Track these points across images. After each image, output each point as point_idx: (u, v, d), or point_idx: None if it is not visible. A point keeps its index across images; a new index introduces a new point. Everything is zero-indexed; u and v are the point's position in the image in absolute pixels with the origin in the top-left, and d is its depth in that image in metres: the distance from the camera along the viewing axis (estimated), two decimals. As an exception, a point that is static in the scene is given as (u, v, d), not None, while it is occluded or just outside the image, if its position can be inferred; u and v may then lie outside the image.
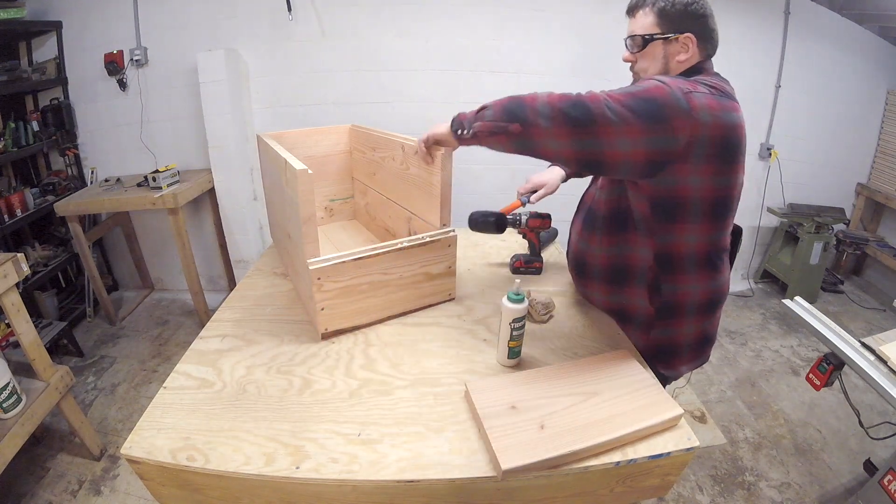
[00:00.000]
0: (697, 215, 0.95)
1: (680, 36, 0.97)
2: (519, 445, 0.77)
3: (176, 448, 0.80)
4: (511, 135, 0.88)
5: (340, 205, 1.84)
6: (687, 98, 0.84)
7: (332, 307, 1.08)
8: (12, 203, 2.34)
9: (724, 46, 3.09)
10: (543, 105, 0.85)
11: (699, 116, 0.84)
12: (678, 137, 0.84)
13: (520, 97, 0.89)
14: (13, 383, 1.46)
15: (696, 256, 1.00)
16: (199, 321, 2.75)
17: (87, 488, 1.71)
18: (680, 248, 0.99)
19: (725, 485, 1.76)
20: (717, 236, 1.01)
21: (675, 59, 0.99)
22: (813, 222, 2.96)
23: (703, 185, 0.92)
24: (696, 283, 1.03)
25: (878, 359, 1.33)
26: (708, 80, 0.93)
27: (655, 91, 0.84)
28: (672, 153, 0.86)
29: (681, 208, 0.94)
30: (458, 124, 0.99)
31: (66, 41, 2.60)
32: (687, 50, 0.98)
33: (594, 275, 1.15)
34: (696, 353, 1.13)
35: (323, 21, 2.56)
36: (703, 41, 0.99)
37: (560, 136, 0.84)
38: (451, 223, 1.24)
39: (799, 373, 2.40)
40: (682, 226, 0.96)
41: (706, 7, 0.98)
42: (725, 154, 0.91)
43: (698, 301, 1.04)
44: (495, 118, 0.90)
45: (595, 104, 0.82)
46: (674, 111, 0.83)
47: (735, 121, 0.91)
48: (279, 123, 2.72)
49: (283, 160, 1.06)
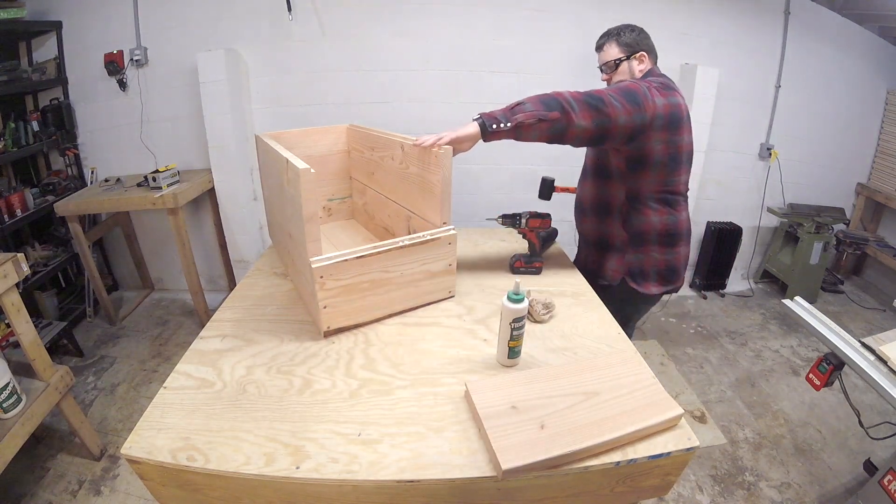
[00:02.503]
0: (655, 166, 1.35)
1: (636, 54, 1.44)
2: (519, 445, 0.77)
3: (176, 448, 0.80)
4: (551, 121, 1.18)
5: (339, 204, 1.84)
6: (649, 91, 1.27)
7: (334, 305, 1.08)
8: (12, 203, 2.34)
9: (724, 47, 3.09)
10: (570, 98, 1.20)
11: (656, 101, 1.26)
12: (646, 115, 1.25)
13: (550, 94, 1.21)
14: (13, 383, 1.46)
15: (654, 196, 1.40)
16: (199, 321, 2.75)
17: (87, 488, 1.71)
18: (643, 189, 1.39)
19: (725, 485, 1.76)
20: (671, 181, 1.39)
21: (637, 69, 1.44)
22: (813, 222, 2.96)
23: (660, 146, 1.32)
24: (655, 216, 1.41)
25: (878, 359, 1.33)
26: (657, 79, 1.36)
27: (632, 87, 1.27)
28: (644, 125, 1.26)
29: (645, 162, 1.34)
30: (492, 120, 1.19)
31: (66, 41, 2.60)
32: (642, 62, 1.44)
33: (587, 211, 1.56)
34: (663, 278, 1.47)
35: (323, 21, 2.56)
36: (650, 54, 1.46)
37: (585, 119, 1.20)
38: (450, 221, 1.24)
39: (799, 373, 2.40)
40: (644, 174, 1.36)
41: (645, 32, 1.48)
42: (672, 124, 1.31)
43: (658, 231, 1.42)
44: (536, 109, 1.18)
45: (603, 95, 1.22)
46: (644, 98, 1.25)
47: (676, 102, 1.31)
48: (279, 123, 2.72)
49: (285, 160, 1.06)
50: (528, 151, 2.75)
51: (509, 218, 1.43)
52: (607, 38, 1.48)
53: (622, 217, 1.44)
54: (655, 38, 2.89)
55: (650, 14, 2.67)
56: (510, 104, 1.21)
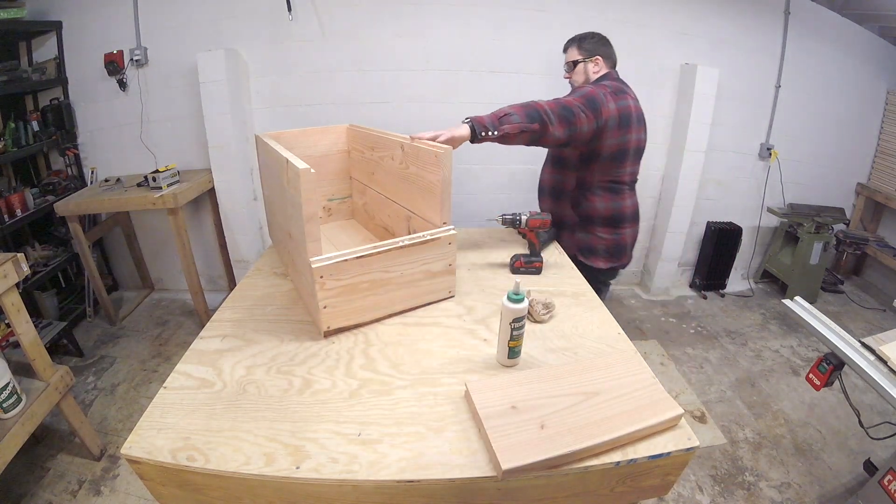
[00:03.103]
0: (604, 159, 1.55)
1: (593, 58, 1.64)
2: (519, 445, 0.77)
3: (176, 448, 0.80)
4: (533, 132, 1.37)
5: (338, 204, 1.84)
6: (605, 97, 1.47)
7: (334, 305, 1.08)
8: (12, 203, 2.33)
9: (724, 47, 3.09)
10: (549, 111, 1.38)
11: (609, 106, 1.47)
12: (602, 118, 1.46)
13: (532, 105, 1.38)
14: (13, 383, 1.46)
15: (600, 184, 1.61)
16: (199, 321, 2.75)
17: (87, 488, 1.71)
18: (590, 178, 1.60)
19: (725, 485, 1.76)
20: (616, 172, 1.60)
21: (592, 71, 1.65)
22: (813, 222, 2.96)
23: (610, 143, 1.52)
24: (600, 202, 1.62)
25: (878, 359, 1.33)
26: (610, 83, 1.57)
27: (593, 93, 1.47)
28: (600, 128, 1.47)
29: (595, 156, 1.55)
30: (482, 127, 1.33)
31: (66, 41, 2.59)
32: (597, 65, 1.65)
33: (545, 193, 1.78)
34: (610, 255, 1.69)
35: (323, 21, 2.56)
36: (607, 59, 1.65)
37: (560, 130, 1.40)
38: (450, 221, 1.24)
39: (799, 373, 2.40)
40: (593, 166, 1.58)
41: (606, 39, 1.67)
42: (622, 124, 1.50)
43: (602, 215, 1.64)
44: (521, 121, 1.35)
45: (572, 106, 1.42)
46: (602, 104, 1.46)
47: (626, 104, 1.52)
48: (279, 123, 2.72)
49: (285, 160, 1.06)
50: (528, 152, 2.71)
51: (509, 218, 1.43)
52: (572, 43, 1.69)
53: (572, 201, 1.67)
54: (655, 38, 2.91)
55: (650, 14, 2.68)
56: (497, 112, 1.36)
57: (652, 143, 2.94)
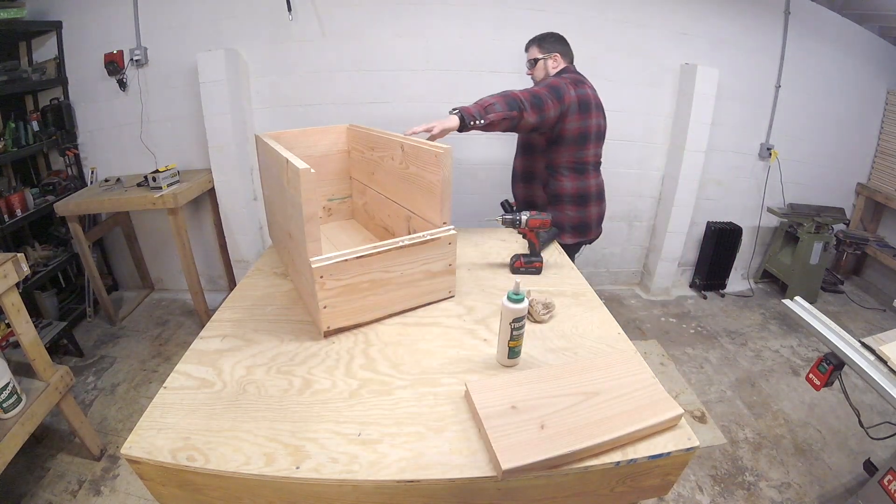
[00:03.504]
0: (568, 142, 1.73)
1: (551, 56, 1.81)
2: (519, 445, 0.77)
3: (176, 448, 0.80)
4: (512, 118, 1.53)
5: (338, 204, 1.84)
6: (567, 86, 1.66)
7: (334, 305, 1.08)
8: (12, 203, 2.33)
9: (724, 47, 3.08)
10: (524, 99, 1.55)
11: (570, 93, 1.66)
12: (565, 104, 1.65)
13: (510, 94, 1.55)
14: (13, 383, 1.46)
15: (567, 165, 1.77)
16: (199, 321, 2.75)
17: (87, 488, 1.71)
18: (558, 161, 1.77)
19: (725, 485, 1.75)
20: (580, 154, 1.77)
21: (551, 67, 1.82)
22: (813, 222, 2.96)
23: (572, 127, 1.69)
24: (568, 182, 1.79)
25: (878, 359, 1.33)
26: (569, 75, 1.77)
27: (556, 83, 1.67)
28: (564, 113, 1.66)
29: (560, 139, 1.72)
30: (470, 117, 1.46)
31: (66, 41, 2.59)
32: (556, 62, 1.82)
33: (517, 178, 1.93)
34: (577, 231, 1.86)
35: (323, 21, 2.56)
36: (564, 56, 1.83)
37: (532, 116, 1.57)
38: (450, 221, 1.24)
39: (799, 373, 2.40)
40: (559, 149, 1.74)
41: (563, 38, 1.85)
42: (582, 109, 1.69)
43: (570, 194, 1.80)
44: (504, 109, 1.50)
45: (541, 94, 1.60)
46: (564, 92, 1.65)
47: (584, 92, 1.71)
48: (279, 123, 2.72)
49: (285, 160, 1.06)
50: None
51: (509, 218, 1.43)
52: (532, 43, 1.86)
53: (543, 182, 1.83)
54: (655, 38, 2.91)
55: (650, 14, 2.68)
56: (481, 102, 1.50)
57: (652, 143, 2.97)
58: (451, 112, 1.48)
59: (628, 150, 2.96)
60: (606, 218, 3.20)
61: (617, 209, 3.13)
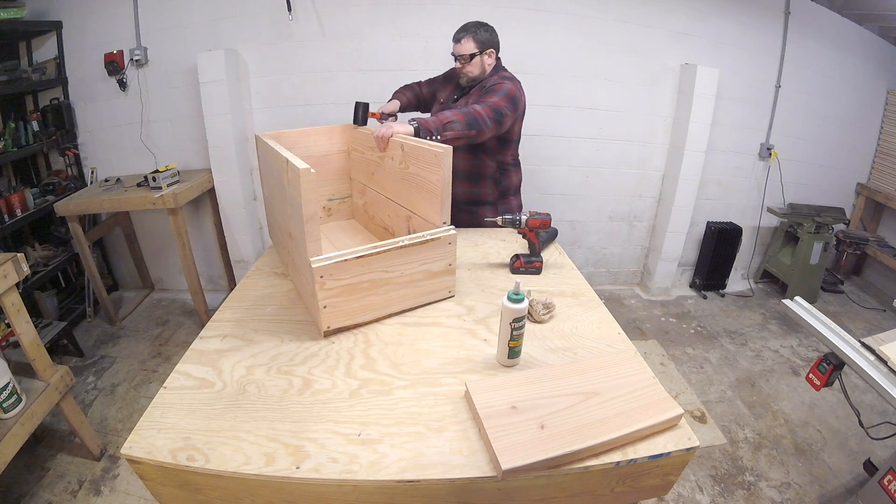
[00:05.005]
0: (513, 142, 1.83)
1: (487, 51, 1.78)
2: (519, 445, 0.77)
3: (176, 448, 0.80)
4: (469, 137, 1.56)
5: (338, 204, 1.84)
6: (519, 92, 1.72)
7: (334, 305, 1.08)
8: (12, 203, 2.33)
9: (724, 46, 3.09)
10: (483, 117, 1.57)
11: (523, 100, 1.74)
12: (520, 110, 1.73)
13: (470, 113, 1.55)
14: (13, 383, 1.46)
15: (512, 161, 1.89)
16: (199, 321, 2.75)
17: (87, 488, 1.70)
18: (507, 160, 1.86)
19: (725, 485, 1.75)
20: (517, 150, 1.89)
21: (486, 63, 1.79)
22: (813, 222, 2.96)
23: (518, 128, 1.80)
24: (515, 176, 1.92)
25: (878, 359, 1.33)
26: (508, 74, 1.81)
27: (512, 93, 1.68)
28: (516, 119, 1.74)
29: (510, 140, 1.81)
30: (426, 132, 1.46)
31: (66, 41, 2.59)
32: (491, 57, 1.80)
33: (461, 178, 1.85)
34: None
35: (323, 21, 2.56)
36: (497, 51, 1.82)
37: (493, 130, 1.61)
38: (450, 221, 1.24)
39: (799, 373, 2.40)
40: (507, 148, 1.83)
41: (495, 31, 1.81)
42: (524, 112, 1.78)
43: (515, 185, 1.95)
44: (462, 129, 1.52)
45: (500, 108, 1.62)
46: (518, 100, 1.70)
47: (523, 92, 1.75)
48: (279, 123, 2.72)
49: (285, 160, 1.06)
50: (527, 152, 2.75)
51: (509, 218, 1.43)
52: (465, 34, 1.77)
53: (493, 180, 1.88)
54: (655, 38, 2.91)
55: (650, 14, 2.68)
56: (441, 118, 1.50)
57: (652, 143, 2.97)
58: (410, 122, 1.47)
59: (628, 150, 2.96)
60: (607, 218, 3.25)
61: (617, 209, 3.13)
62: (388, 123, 1.48)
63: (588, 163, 2.95)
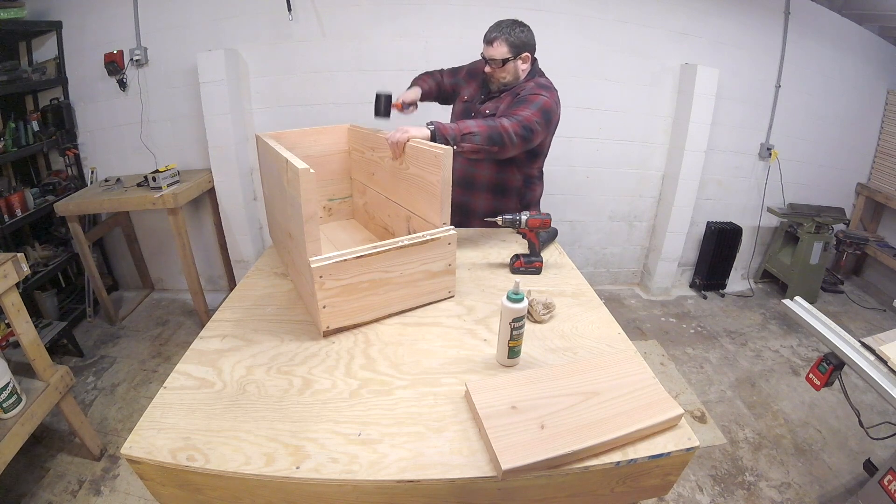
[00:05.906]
0: (542, 155, 1.73)
1: (522, 55, 1.60)
2: (519, 445, 0.77)
3: (176, 448, 0.80)
4: (489, 152, 1.44)
5: (339, 204, 1.84)
6: (556, 105, 1.56)
7: (334, 305, 1.08)
8: (12, 203, 2.33)
9: (724, 46, 3.08)
10: (509, 132, 1.42)
11: (558, 112, 1.59)
12: (553, 126, 1.60)
13: (494, 126, 1.40)
14: (13, 383, 1.46)
15: (537, 175, 1.80)
16: (199, 321, 2.75)
17: (87, 488, 1.71)
18: (534, 172, 1.77)
19: (725, 485, 1.76)
20: (543, 162, 1.79)
21: (521, 69, 1.63)
22: (813, 222, 2.96)
23: (548, 140, 1.68)
24: (539, 189, 1.84)
25: (878, 359, 1.33)
26: (546, 81, 1.64)
27: (546, 105, 1.51)
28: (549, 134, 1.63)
29: (538, 153, 1.70)
30: (442, 139, 1.34)
31: (66, 41, 2.59)
32: (526, 62, 1.63)
33: (484, 190, 1.76)
34: None
35: (323, 21, 2.56)
36: (533, 55, 1.65)
37: (519, 147, 1.48)
38: (450, 221, 1.24)
39: (799, 373, 2.40)
40: (535, 161, 1.73)
41: (531, 31, 1.64)
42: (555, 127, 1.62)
43: (538, 198, 1.86)
44: (482, 143, 1.39)
45: (531, 124, 1.46)
46: (553, 113, 1.55)
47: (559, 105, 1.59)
48: (279, 123, 2.72)
49: (285, 160, 1.06)
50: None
51: (509, 218, 1.43)
52: (498, 34, 1.59)
53: (519, 194, 1.78)
54: (655, 38, 2.90)
55: (650, 14, 2.68)
56: (462, 128, 1.37)
57: (652, 143, 2.97)
58: (427, 125, 1.36)
59: (628, 150, 2.96)
60: (606, 218, 3.24)
61: (617, 209, 3.13)
62: (402, 127, 1.34)
63: (588, 163, 2.95)
